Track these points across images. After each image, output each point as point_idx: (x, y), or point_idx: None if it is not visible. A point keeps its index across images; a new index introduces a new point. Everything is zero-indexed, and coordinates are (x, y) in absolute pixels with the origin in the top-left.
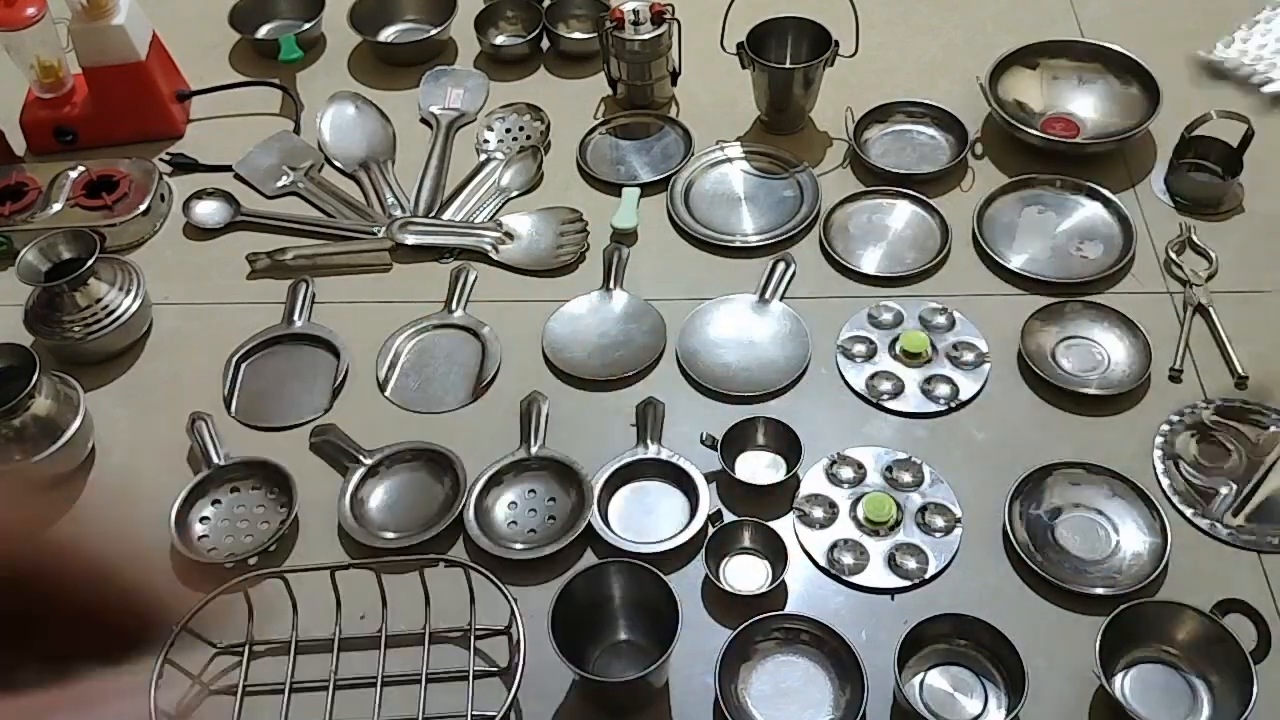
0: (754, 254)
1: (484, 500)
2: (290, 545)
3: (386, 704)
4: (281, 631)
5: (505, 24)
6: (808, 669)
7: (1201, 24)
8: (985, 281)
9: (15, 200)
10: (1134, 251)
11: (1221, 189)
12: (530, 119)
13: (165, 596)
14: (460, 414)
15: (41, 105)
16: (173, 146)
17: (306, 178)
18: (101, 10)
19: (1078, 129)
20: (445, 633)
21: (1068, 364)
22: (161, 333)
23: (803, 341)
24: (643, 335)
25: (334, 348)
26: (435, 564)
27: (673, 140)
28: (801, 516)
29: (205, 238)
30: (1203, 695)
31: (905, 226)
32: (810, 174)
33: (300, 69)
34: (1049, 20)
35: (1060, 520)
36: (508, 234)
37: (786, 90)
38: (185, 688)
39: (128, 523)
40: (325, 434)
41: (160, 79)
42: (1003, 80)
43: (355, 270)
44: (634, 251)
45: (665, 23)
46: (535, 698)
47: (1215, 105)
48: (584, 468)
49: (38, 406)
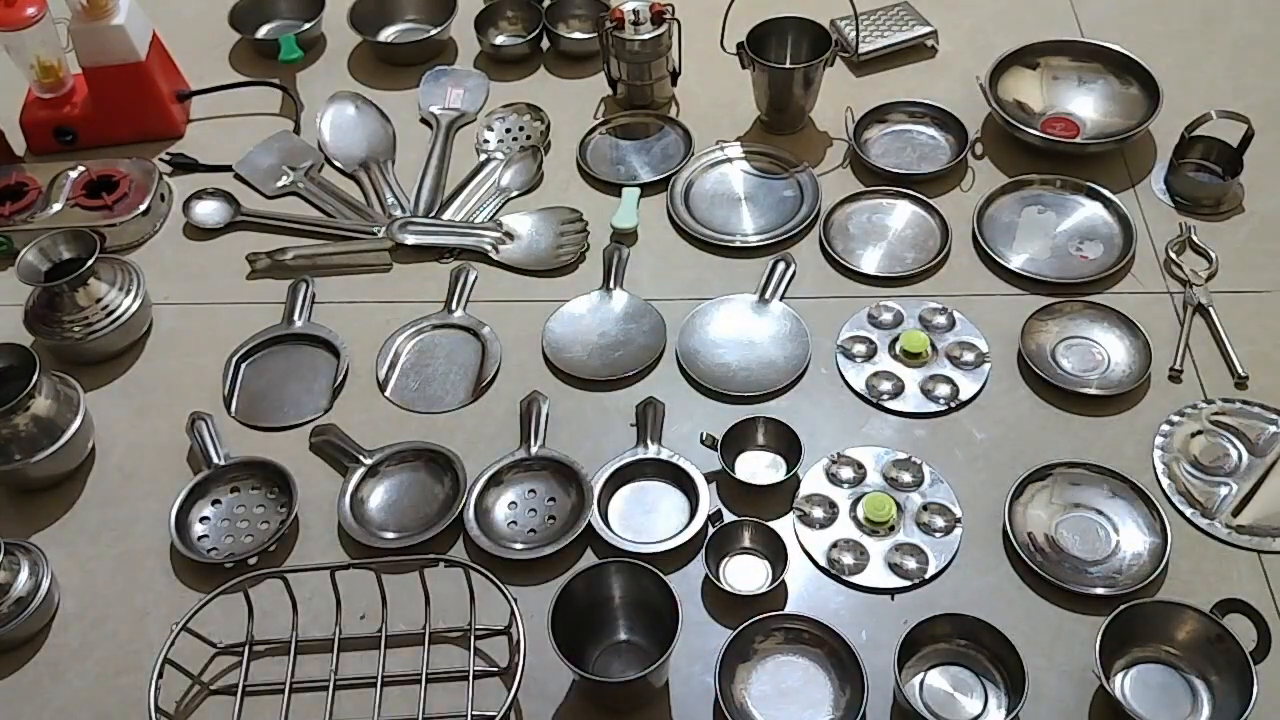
0: (754, 254)
1: (484, 500)
2: (290, 545)
3: (386, 704)
4: (281, 631)
5: (505, 24)
6: (808, 669)
7: (1201, 24)
8: (985, 281)
9: (15, 200)
10: (1134, 251)
11: (1221, 189)
12: (530, 119)
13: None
14: (460, 414)
15: (41, 105)
16: (173, 146)
17: (306, 178)
18: (101, 10)
19: (1078, 129)
20: (445, 633)
21: (1068, 364)
22: (161, 333)
23: (803, 341)
24: (643, 335)
25: (334, 348)
26: (435, 564)
27: (673, 140)
28: (801, 516)
29: (205, 238)
30: (1203, 695)
31: (905, 226)
32: (810, 174)
33: (300, 69)
34: (1049, 20)
35: (1061, 521)
36: (508, 234)
37: (786, 90)
38: (185, 688)
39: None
40: (325, 434)
41: (160, 79)
42: (1003, 80)
43: (355, 270)
44: (634, 251)
45: (665, 23)
46: (535, 698)
47: (1215, 105)
48: (584, 468)
49: (38, 406)
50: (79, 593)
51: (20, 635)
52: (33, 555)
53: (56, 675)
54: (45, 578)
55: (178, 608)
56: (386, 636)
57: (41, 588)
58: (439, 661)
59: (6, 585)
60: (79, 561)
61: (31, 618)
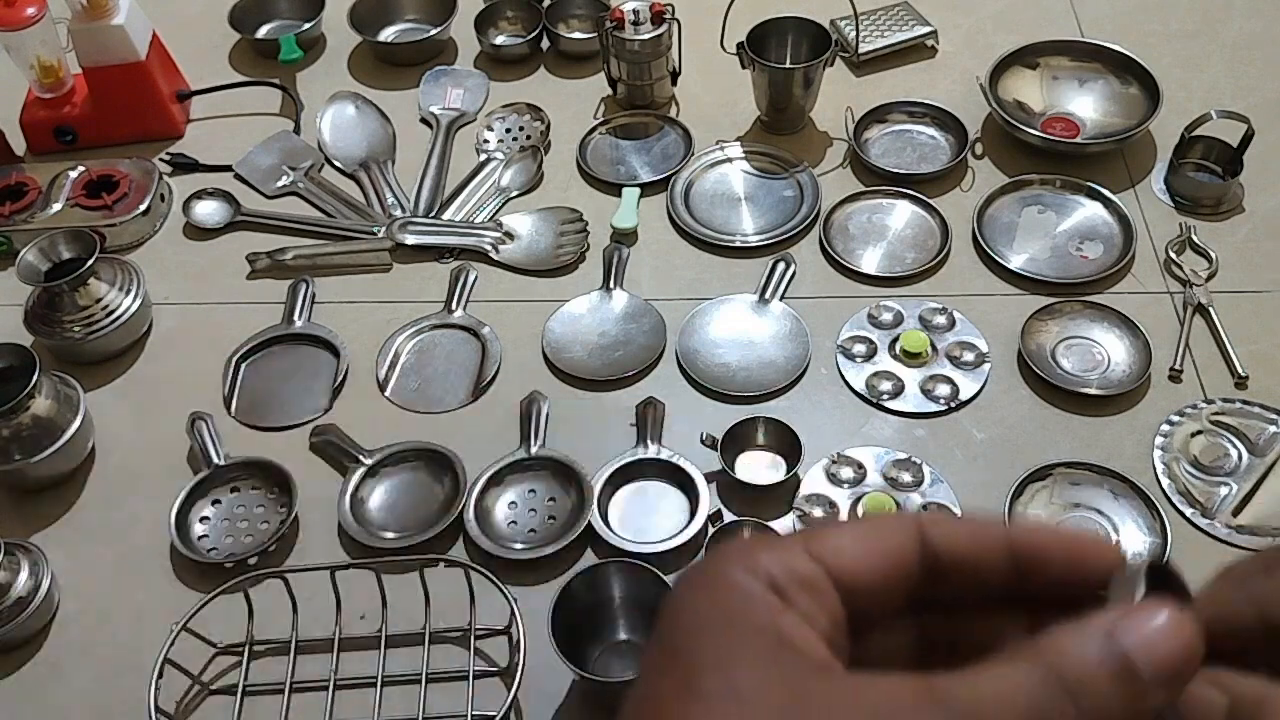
0: (754, 254)
1: (484, 500)
2: (290, 545)
3: (386, 704)
4: (281, 631)
5: (505, 24)
6: None
7: (1201, 24)
8: (985, 281)
9: (15, 200)
10: (1134, 251)
11: (1221, 189)
12: (530, 119)
13: None
14: (460, 414)
15: (41, 105)
16: (173, 146)
17: (306, 178)
18: (101, 10)
19: (1078, 129)
20: (445, 633)
21: (1068, 364)
22: (161, 333)
23: (803, 341)
24: (643, 335)
25: (334, 348)
26: (435, 564)
27: (673, 140)
28: (801, 517)
29: (205, 238)
30: None
31: (905, 226)
32: (810, 174)
33: (300, 69)
34: (1049, 20)
35: (1061, 521)
36: (508, 234)
37: (786, 90)
38: (185, 688)
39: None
40: (325, 434)
41: (160, 79)
42: (1003, 80)
43: (355, 270)
44: (634, 251)
45: (665, 23)
46: (535, 698)
47: (1215, 105)
48: (584, 468)
49: (38, 406)
50: (79, 593)
51: (20, 635)
52: (33, 555)
53: (56, 675)
54: (45, 578)
55: (178, 608)
56: (386, 636)
57: (41, 588)
58: (439, 661)
59: (6, 585)
60: (79, 561)
61: (31, 618)
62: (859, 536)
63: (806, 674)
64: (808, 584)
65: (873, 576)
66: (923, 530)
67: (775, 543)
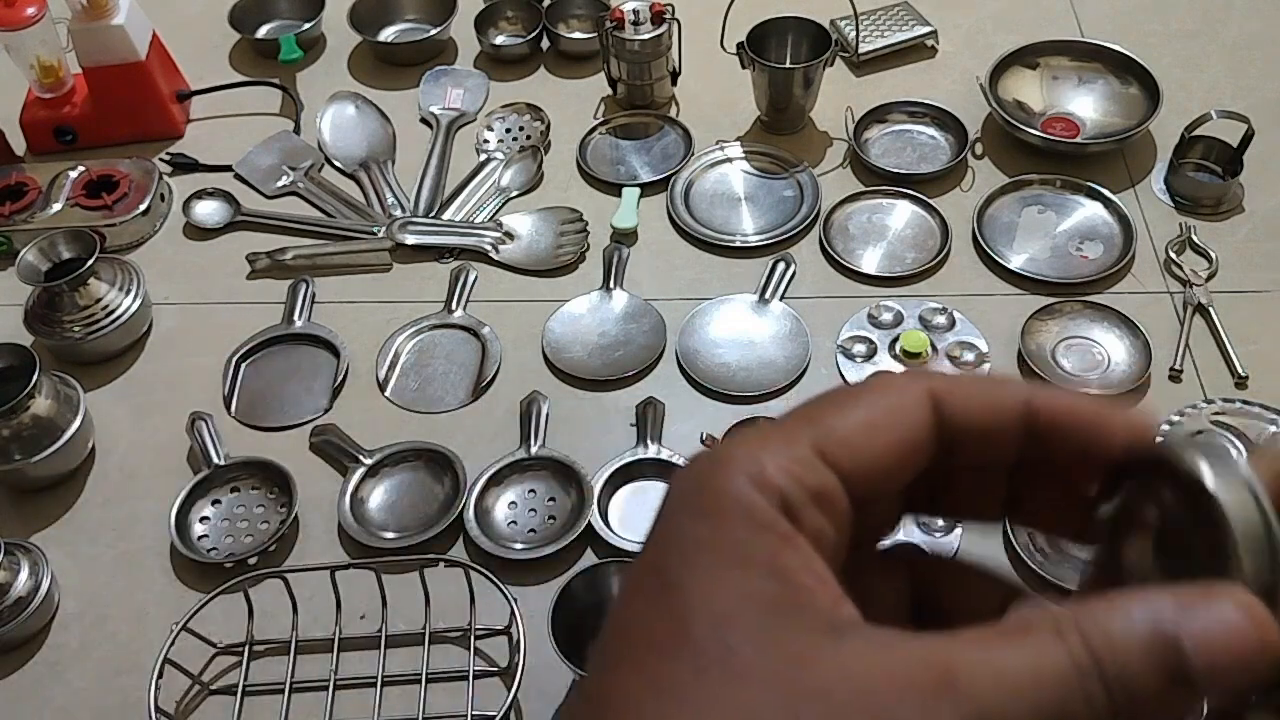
0: (754, 254)
1: (484, 500)
2: (290, 545)
3: (386, 704)
4: (281, 631)
5: (505, 24)
6: None
7: (1201, 24)
8: (985, 281)
9: (15, 200)
10: (1134, 251)
11: (1221, 189)
12: (530, 119)
13: None
14: (460, 414)
15: (41, 105)
16: (173, 146)
17: (306, 178)
18: (101, 10)
19: (1078, 129)
20: (445, 633)
21: (1068, 364)
22: (161, 333)
23: (803, 341)
24: (643, 335)
25: (334, 348)
26: (435, 564)
27: (673, 140)
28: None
29: (205, 238)
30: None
31: (905, 226)
32: (810, 174)
33: (300, 69)
34: (1049, 20)
35: None
36: (508, 234)
37: (786, 90)
38: (185, 688)
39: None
40: (325, 434)
41: (160, 79)
42: (1003, 80)
43: (355, 270)
44: (634, 251)
45: (665, 23)
46: (535, 698)
47: (1215, 105)
48: (584, 468)
49: (38, 406)
50: (79, 593)
51: (20, 635)
52: (33, 555)
53: (56, 675)
54: (45, 578)
55: (178, 608)
56: (386, 636)
57: (41, 588)
58: (439, 661)
59: (6, 585)
60: (79, 561)
61: (31, 618)
62: (870, 422)
63: (808, 639)
64: (819, 496)
65: (886, 465)
66: (937, 399)
67: (783, 438)
